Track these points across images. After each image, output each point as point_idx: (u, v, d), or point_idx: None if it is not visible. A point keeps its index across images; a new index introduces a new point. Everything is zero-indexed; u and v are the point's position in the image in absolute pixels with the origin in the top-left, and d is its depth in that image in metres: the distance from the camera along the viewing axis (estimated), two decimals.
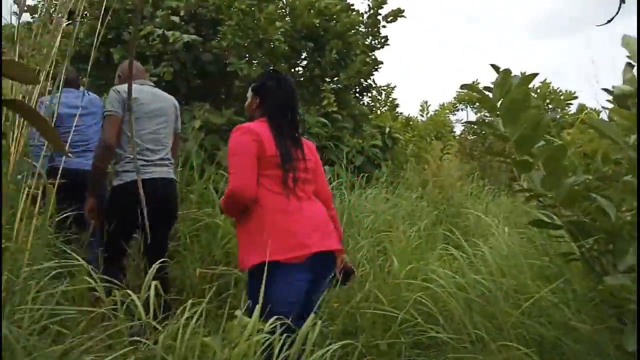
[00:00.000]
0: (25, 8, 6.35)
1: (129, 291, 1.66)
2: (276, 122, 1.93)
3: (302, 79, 5.93)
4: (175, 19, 4.65)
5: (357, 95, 6.64)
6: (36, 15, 6.30)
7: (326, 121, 5.49)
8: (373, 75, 6.48)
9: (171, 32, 4.42)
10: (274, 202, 1.83)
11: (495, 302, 1.97)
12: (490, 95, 1.74)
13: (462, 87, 1.96)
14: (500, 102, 1.72)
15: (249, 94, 2.08)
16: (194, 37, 4.47)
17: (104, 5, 4.22)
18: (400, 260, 2.78)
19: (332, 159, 5.30)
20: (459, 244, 2.77)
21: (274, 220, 1.81)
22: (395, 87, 10.22)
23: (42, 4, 6.27)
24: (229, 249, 3.22)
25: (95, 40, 2.21)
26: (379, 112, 8.33)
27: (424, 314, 2.25)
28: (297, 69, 5.98)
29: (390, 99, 10.14)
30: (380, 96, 8.89)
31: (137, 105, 2.53)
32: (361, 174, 5.19)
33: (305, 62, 6.04)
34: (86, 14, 4.93)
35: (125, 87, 2.53)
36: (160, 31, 4.46)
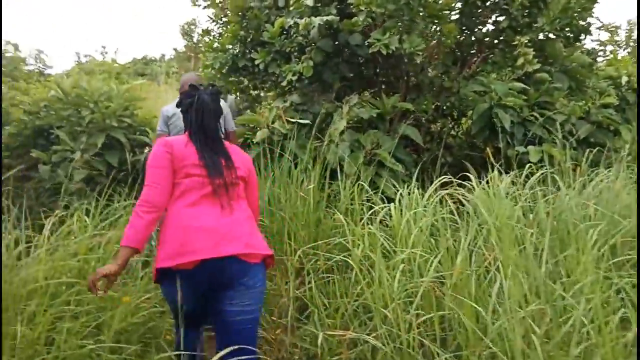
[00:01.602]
0: (200, 32, 6.21)
1: None
2: (195, 136, 2.00)
3: (485, 39, 4.52)
4: (309, 2, 3.84)
5: (572, 42, 4.84)
6: (209, 37, 6.42)
7: (525, 85, 4.04)
8: (592, 11, 4.61)
9: (303, 19, 3.65)
10: (175, 210, 1.88)
11: None
12: None
13: None
14: None
15: None
16: (327, 18, 3.61)
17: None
18: None
19: (539, 135, 3.84)
20: None
21: (171, 227, 1.86)
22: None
23: (215, 25, 6.37)
24: (364, 301, 2.28)
25: (239, 46, 3.06)
26: (610, 57, 6.19)
27: None
28: (473, 29, 4.57)
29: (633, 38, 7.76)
30: (615, 35, 6.68)
31: (175, 120, 3.03)
32: (588, 149, 3.61)
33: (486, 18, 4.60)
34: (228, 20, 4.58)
35: (168, 106, 3.09)
36: (291, 21, 3.74)
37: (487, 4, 4.39)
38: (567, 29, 4.47)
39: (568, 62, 4.44)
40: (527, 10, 4.26)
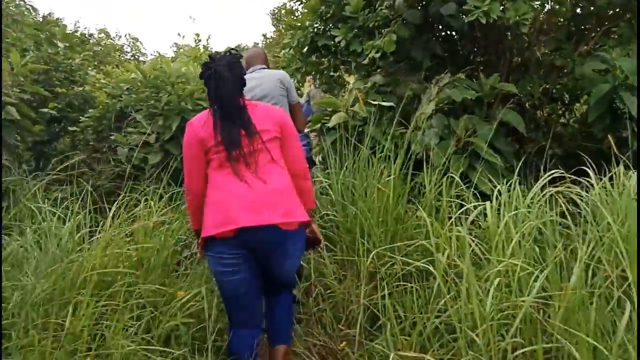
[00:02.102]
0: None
1: None
2: (213, 110, 1.99)
3: (608, 9, 3.80)
4: None
5: None
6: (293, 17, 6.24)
7: None
8: None
9: None
10: (215, 181, 1.96)
11: None
12: None
13: None
14: None
15: None
16: None
17: None
18: None
19: None
20: None
21: (212, 198, 1.95)
22: None
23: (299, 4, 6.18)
24: (447, 318, 1.87)
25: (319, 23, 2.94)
26: None
27: None
28: None
29: None
30: None
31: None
32: None
33: None
34: None
35: None
36: None
37: None
38: None
39: None
40: None
